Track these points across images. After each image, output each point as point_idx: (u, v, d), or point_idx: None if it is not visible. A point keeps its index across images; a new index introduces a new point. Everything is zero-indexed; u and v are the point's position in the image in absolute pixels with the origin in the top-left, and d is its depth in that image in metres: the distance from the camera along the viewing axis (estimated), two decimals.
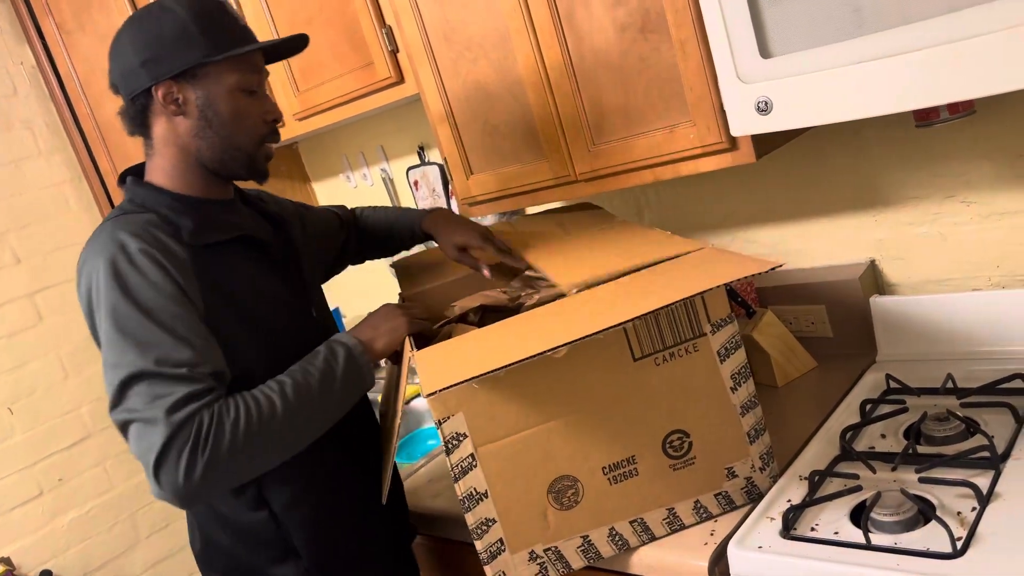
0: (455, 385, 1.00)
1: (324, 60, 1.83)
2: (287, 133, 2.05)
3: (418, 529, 1.54)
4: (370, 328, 1.28)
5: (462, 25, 1.54)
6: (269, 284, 1.27)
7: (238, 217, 1.30)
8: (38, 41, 2.43)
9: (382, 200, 2.42)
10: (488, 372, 0.99)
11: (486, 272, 1.43)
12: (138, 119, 1.23)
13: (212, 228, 1.22)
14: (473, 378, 0.99)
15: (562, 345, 1.00)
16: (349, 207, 1.71)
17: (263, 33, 1.90)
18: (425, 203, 2.29)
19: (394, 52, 1.69)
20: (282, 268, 1.32)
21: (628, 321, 1.01)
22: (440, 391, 1.00)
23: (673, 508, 1.17)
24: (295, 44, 1.29)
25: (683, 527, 1.19)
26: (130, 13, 1.97)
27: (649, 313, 1.01)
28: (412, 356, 1.18)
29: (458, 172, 1.70)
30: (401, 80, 1.72)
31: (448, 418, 1.09)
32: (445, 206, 2.24)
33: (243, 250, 1.25)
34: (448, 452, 1.11)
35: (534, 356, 0.99)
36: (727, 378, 1.15)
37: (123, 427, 1.07)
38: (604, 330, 1.00)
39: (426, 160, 2.25)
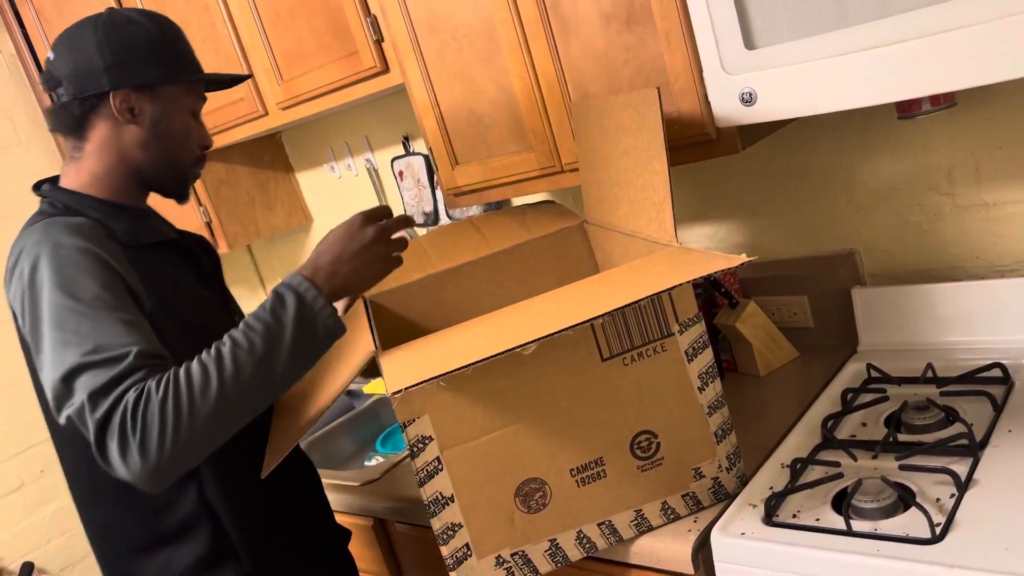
0: (422, 383, 0.96)
1: (308, 49, 1.82)
2: (270, 123, 2.04)
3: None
4: (331, 260, 1.13)
5: (447, 15, 1.54)
6: (199, 290, 1.30)
7: (163, 225, 1.33)
8: (17, 29, 2.41)
9: (366, 191, 2.42)
10: (456, 369, 0.97)
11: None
12: (79, 119, 1.22)
13: (145, 231, 1.24)
14: (440, 375, 0.97)
15: (531, 342, 0.98)
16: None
17: (247, 24, 1.89)
18: (410, 193, 2.28)
19: (379, 42, 1.69)
20: (207, 276, 1.36)
21: (597, 318, 1.00)
22: (406, 389, 0.96)
23: (641, 510, 1.17)
24: (235, 80, 1.35)
25: (651, 528, 1.19)
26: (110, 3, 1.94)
27: (617, 310, 1.01)
28: (377, 354, 1.15)
29: (444, 163, 1.70)
30: (386, 70, 1.72)
31: (413, 420, 1.07)
32: (430, 196, 2.23)
33: (173, 256, 1.28)
34: (413, 456, 1.08)
35: (502, 353, 0.98)
36: (695, 378, 1.15)
37: (74, 423, 1.03)
38: (573, 326, 0.99)
39: (411, 151, 2.25)
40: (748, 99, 1.16)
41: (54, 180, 1.27)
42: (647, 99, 1.20)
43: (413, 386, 0.96)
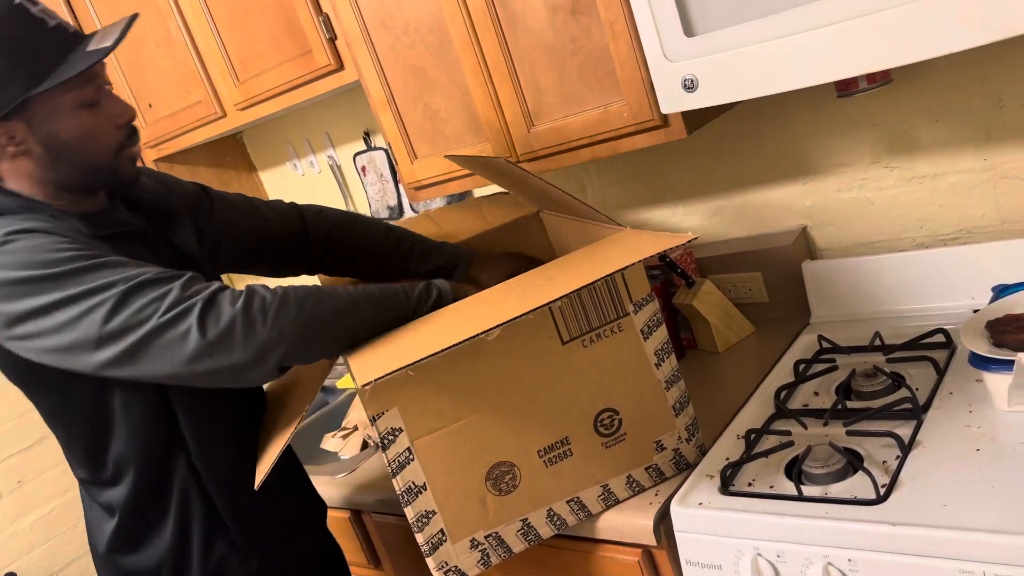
0: (390, 374, 0.98)
1: (263, 50, 1.84)
2: (229, 124, 2.05)
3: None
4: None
5: (398, 10, 1.56)
6: None
7: (125, 217, 1.23)
8: None
9: (331, 187, 2.43)
10: (424, 358, 1.00)
11: None
12: None
13: (103, 224, 1.17)
14: (407, 365, 0.99)
15: (495, 327, 1.01)
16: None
17: (201, 27, 1.90)
18: (373, 188, 2.30)
19: (332, 40, 1.70)
20: (166, 261, 1.23)
21: (555, 301, 1.04)
22: (375, 381, 0.98)
23: (607, 484, 1.22)
24: (124, 30, 1.13)
25: (617, 502, 1.23)
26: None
27: (574, 292, 1.05)
28: (344, 352, 1.16)
29: (403, 157, 1.72)
30: (341, 67, 1.74)
31: (382, 414, 1.09)
32: (394, 190, 2.26)
33: (135, 246, 1.20)
34: (384, 448, 1.11)
35: (469, 339, 1.01)
36: (651, 354, 1.19)
37: (132, 352, 1.01)
38: (534, 310, 1.03)
39: (372, 145, 2.26)
40: (690, 85, 1.19)
41: None
42: None
43: (382, 377, 0.99)
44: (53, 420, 1.23)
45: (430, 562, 1.17)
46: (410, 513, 1.14)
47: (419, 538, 1.16)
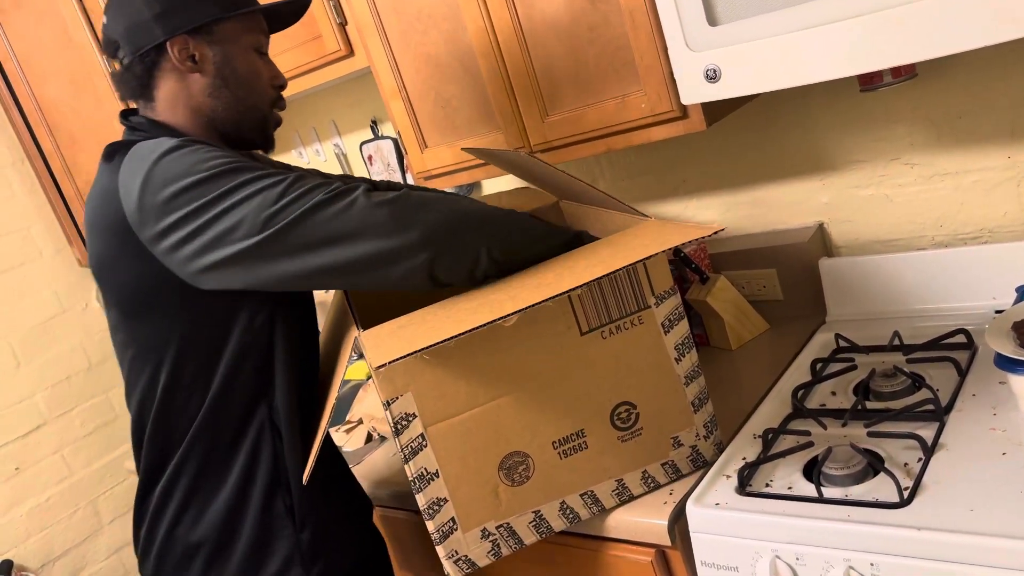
0: (405, 356, 0.98)
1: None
2: None
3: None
4: None
5: None
6: None
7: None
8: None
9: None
10: (439, 342, 0.99)
11: None
12: (143, 79, 1.19)
13: None
14: (423, 348, 0.99)
15: (512, 313, 1.00)
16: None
17: None
18: (380, 178, 2.27)
19: (343, 25, 1.67)
20: None
21: (575, 289, 1.02)
22: (390, 363, 0.98)
23: (622, 479, 1.19)
24: (297, 9, 1.29)
25: (632, 498, 1.21)
26: None
27: (595, 280, 1.03)
28: (358, 335, 1.16)
29: (412, 146, 1.69)
30: (351, 53, 1.71)
31: (397, 398, 1.08)
32: (400, 180, 2.23)
33: None
34: (397, 433, 1.09)
35: (484, 325, 1.00)
36: (671, 349, 1.17)
37: (295, 223, 1.05)
38: (552, 297, 1.01)
39: (379, 134, 2.23)
40: (712, 76, 1.16)
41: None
42: None
43: (397, 359, 0.98)
44: (154, 351, 1.20)
45: (440, 550, 1.15)
46: (421, 500, 1.13)
47: (430, 526, 1.14)
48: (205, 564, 1.24)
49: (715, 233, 1.04)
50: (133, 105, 1.27)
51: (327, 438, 1.44)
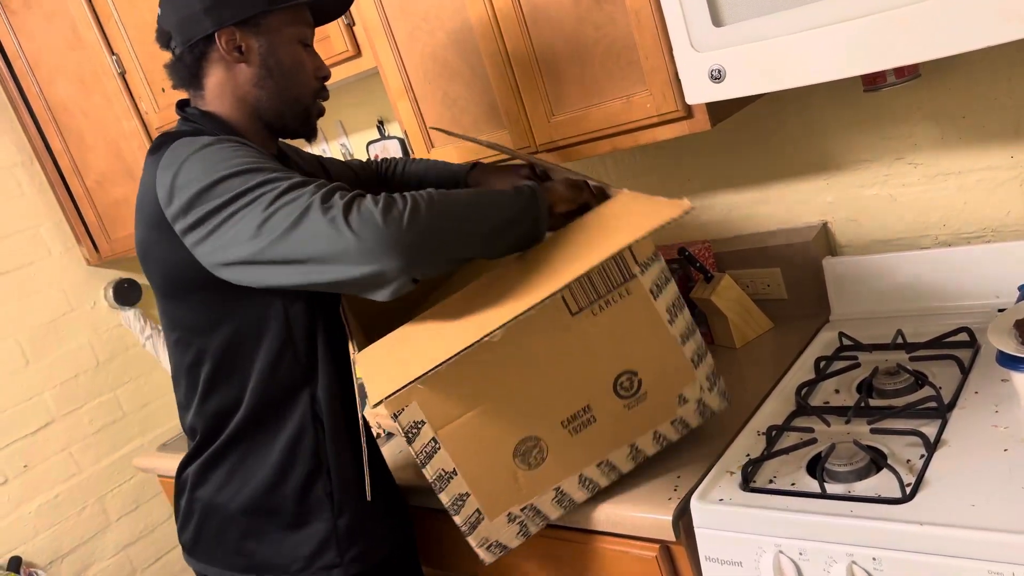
0: (400, 390, 1.03)
1: None
2: None
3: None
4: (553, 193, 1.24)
5: None
6: None
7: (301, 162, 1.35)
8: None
9: None
10: (430, 370, 1.03)
11: None
12: (193, 68, 1.24)
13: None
14: (416, 379, 1.03)
15: (497, 329, 1.03)
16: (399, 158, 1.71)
17: None
18: None
19: (350, 26, 1.68)
20: None
21: (559, 291, 1.04)
22: (387, 399, 1.03)
23: (635, 443, 1.21)
24: (342, 2, 1.34)
25: (647, 457, 1.23)
26: None
27: (582, 276, 1.05)
28: (354, 359, 1.18)
29: (419, 146, 1.70)
30: (358, 54, 1.72)
31: (403, 409, 1.09)
32: None
33: None
34: (409, 441, 1.10)
35: (472, 345, 1.03)
36: (663, 312, 1.18)
37: (286, 234, 1.06)
38: (537, 305, 1.03)
39: (386, 134, 2.25)
40: (717, 76, 1.17)
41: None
42: None
43: (392, 395, 1.03)
44: (196, 334, 1.25)
45: (471, 540, 1.17)
46: (444, 499, 1.14)
47: (456, 520, 1.16)
48: (243, 533, 1.29)
49: (686, 212, 1.06)
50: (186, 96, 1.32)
51: (368, 431, 1.46)
